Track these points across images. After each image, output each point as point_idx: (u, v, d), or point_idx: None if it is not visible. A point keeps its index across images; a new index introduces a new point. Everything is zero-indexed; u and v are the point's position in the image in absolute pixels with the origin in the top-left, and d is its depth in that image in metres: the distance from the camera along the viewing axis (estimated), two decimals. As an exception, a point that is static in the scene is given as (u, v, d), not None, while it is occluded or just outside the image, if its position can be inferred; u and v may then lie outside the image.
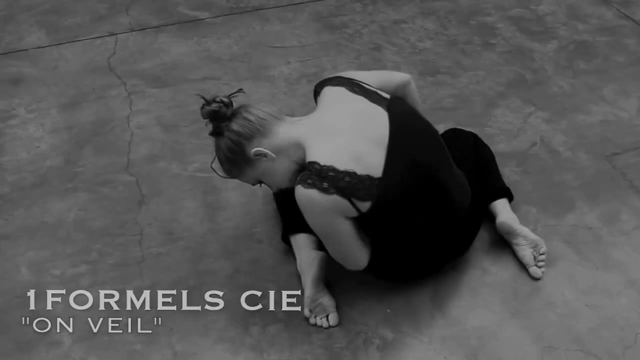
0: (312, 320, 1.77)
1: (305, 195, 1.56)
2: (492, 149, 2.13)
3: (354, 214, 1.60)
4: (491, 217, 1.99)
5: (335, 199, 1.55)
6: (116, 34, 3.03)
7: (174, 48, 2.93)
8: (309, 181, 1.55)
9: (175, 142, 2.39)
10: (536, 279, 1.88)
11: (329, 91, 1.73)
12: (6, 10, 3.22)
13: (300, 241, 1.87)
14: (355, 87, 1.70)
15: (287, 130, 1.64)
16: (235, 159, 1.65)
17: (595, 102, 2.61)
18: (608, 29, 3.09)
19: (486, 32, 3.06)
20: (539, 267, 1.89)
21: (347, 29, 3.08)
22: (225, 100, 1.65)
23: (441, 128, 2.18)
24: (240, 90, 1.68)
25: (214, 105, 1.63)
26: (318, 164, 1.56)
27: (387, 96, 1.70)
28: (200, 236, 2.02)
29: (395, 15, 3.18)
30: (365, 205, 1.58)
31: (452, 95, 2.64)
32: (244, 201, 2.14)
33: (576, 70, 2.80)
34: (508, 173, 2.23)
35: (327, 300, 1.77)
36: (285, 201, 1.96)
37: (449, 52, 2.90)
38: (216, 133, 1.66)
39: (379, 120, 1.64)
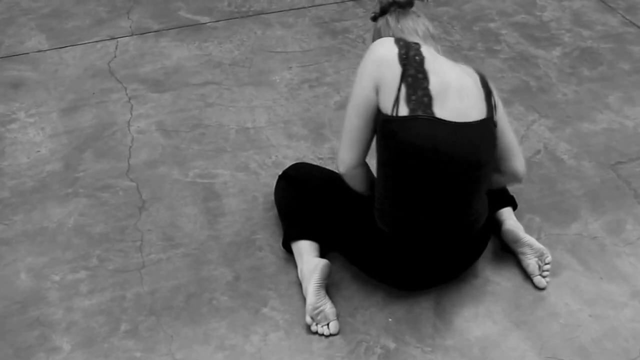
0: (313, 328, 1.77)
1: (386, 40, 1.66)
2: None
3: (386, 105, 1.60)
4: (495, 225, 2.01)
5: (395, 68, 1.59)
6: (117, 38, 3.04)
7: (175, 52, 2.95)
8: (401, 42, 1.64)
9: (176, 148, 2.40)
10: (540, 289, 1.89)
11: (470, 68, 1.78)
12: (7, 14, 3.24)
13: (302, 248, 1.88)
14: (486, 85, 1.74)
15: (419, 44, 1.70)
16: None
17: (600, 110, 2.63)
18: (613, 35, 3.10)
19: (490, 38, 3.08)
20: (544, 276, 1.90)
21: (349, 34, 3.10)
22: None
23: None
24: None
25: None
26: (419, 46, 1.65)
27: (492, 112, 1.71)
28: (200, 243, 2.03)
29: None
30: (403, 110, 1.58)
31: (456, 102, 2.65)
32: (245, 208, 2.15)
33: (580, 77, 2.82)
34: (511, 181, 2.24)
35: (328, 308, 1.78)
36: (286, 207, 1.97)
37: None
38: (375, 16, 1.84)
39: (477, 109, 1.66)
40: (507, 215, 2.00)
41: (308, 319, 1.77)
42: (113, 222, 2.10)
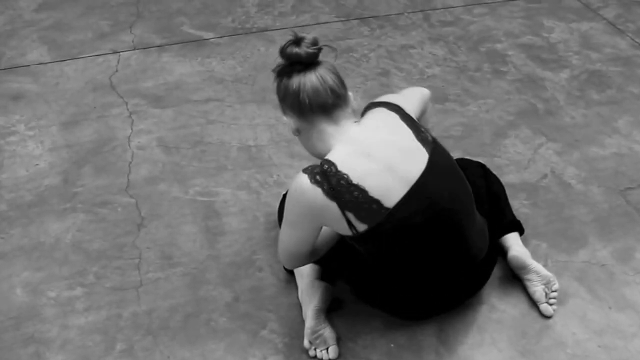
0: (311, 353, 1.77)
1: (304, 186, 1.53)
2: (501, 180, 2.15)
3: (346, 231, 1.58)
4: (501, 250, 2.01)
5: (330, 206, 1.53)
6: (119, 52, 3.08)
7: (177, 68, 2.98)
8: (318, 178, 1.53)
9: (177, 165, 2.42)
10: (547, 317, 1.89)
11: (381, 111, 1.67)
12: (9, 25, 3.28)
13: (303, 270, 1.88)
14: (407, 119, 1.65)
15: (325, 130, 1.60)
16: (280, 103, 1.67)
17: (609, 134, 2.65)
18: (622, 58, 3.13)
19: (496, 59, 3.11)
20: (550, 304, 1.90)
21: (353, 53, 3.13)
22: (305, 56, 1.59)
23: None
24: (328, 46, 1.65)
25: (312, 50, 1.59)
26: (335, 166, 1.53)
27: (431, 139, 1.67)
28: (199, 262, 2.04)
29: (403, 40, 3.23)
30: (361, 227, 1.57)
31: (461, 123, 2.67)
32: (246, 227, 2.16)
33: (589, 100, 2.84)
34: (517, 205, 2.25)
35: (328, 332, 1.77)
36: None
37: (458, 79, 2.94)
38: (281, 73, 1.64)
39: (416, 162, 1.60)
40: (513, 241, 2.00)
41: (306, 343, 1.77)
42: (111, 238, 2.10)
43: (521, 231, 2.05)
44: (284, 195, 2.04)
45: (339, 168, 1.54)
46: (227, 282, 1.98)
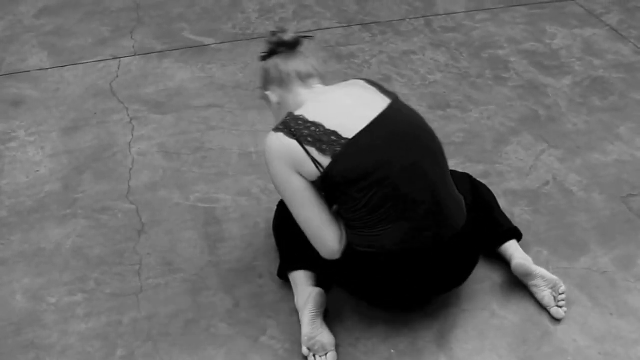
0: (310, 359, 1.80)
1: (269, 139, 1.73)
2: (503, 187, 2.18)
3: (313, 171, 1.67)
4: (499, 258, 2.04)
5: (292, 144, 1.68)
6: (119, 58, 3.12)
7: (178, 74, 3.02)
8: (279, 126, 1.73)
9: (177, 171, 2.45)
10: (558, 320, 1.92)
11: (352, 80, 1.91)
12: (9, 31, 3.33)
13: (297, 278, 1.92)
14: (375, 84, 1.86)
15: (300, 93, 1.84)
16: (260, 82, 1.97)
17: (611, 140, 2.68)
18: (625, 65, 3.17)
19: (498, 65, 3.14)
20: (560, 307, 1.93)
21: (355, 58, 3.17)
22: (289, 40, 1.87)
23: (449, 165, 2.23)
24: (308, 37, 1.93)
25: (295, 36, 1.88)
26: (293, 114, 1.74)
27: (397, 96, 1.83)
28: (200, 268, 2.07)
29: (404, 46, 3.27)
30: (325, 161, 1.65)
31: (462, 130, 2.70)
32: (246, 233, 2.19)
33: (591, 107, 2.88)
34: (519, 212, 2.28)
35: (325, 338, 1.80)
36: (282, 237, 2.01)
37: (460, 86, 2.98)
38: (268, 55, 1.93)
39: (376, 106, 1.74)
40: (514, 249, 2.02)
41: (305, 350, 1.79)
42: (112, 245, 2.14)
43: (519, 237, 2.07)
44: (278, 205, 2.08)
45: (296, 113, 1.73)
46: (228, 288, 2.01)
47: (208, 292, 1.99)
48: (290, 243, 1.98)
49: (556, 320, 1.92)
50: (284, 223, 2.02)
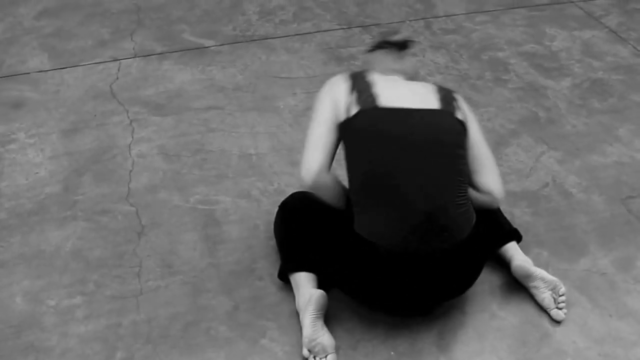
0: (310, 361, 1.80)
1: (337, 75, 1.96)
2: (503, 188, 2.18)
3: (341, 111, 1.83)
4: (499, 260, 2.04)
5: (343, 82, 1.88)
6: (119, 60, 3.12)
7: (178, 76, 3.02)
8: (351, 72, 1.95)
9: (177, 173, 2.45)
10: (558, 322, 1.92)
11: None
12: (9, 33, 3.33)
13: (299, 280, 1.92)
14: (442, 89, 1.95)
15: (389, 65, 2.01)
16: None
17: (610, 142, 2.68)
18: (624, 67, 3.17)
19: (498, 67, 3.15)
20: (560, 308, 1.93)
21: (355, 60, 3.17)
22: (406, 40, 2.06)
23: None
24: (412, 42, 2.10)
25: (404, 39, 2.06)
26: (366, 70, 1.95)
27: (452, 110, 1.90)
28: (199, 270, 2.07)
29: (405, 48, 3.28)
30: (353, 109, 1.81)
31: (463, 131, 2.71)
32: (246, 235, 2.19)
33: (590, 109, 2.88)
34: (519, 214, 2.28)
35: (326, 340, 1.80)
36: (283, 238, 2.02)
37: (460, 87, 2.98)
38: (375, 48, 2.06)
39: (424, 101, 1.86)
40: (514, 250, 2.03)
41: (305, 352, 1.79)
42: (111, 247, 2.14)
43: (519, 239, 2.08)
44: (279, 207, 2.09)
45: (367, 72, 1.92)
46: (227, 290, 2.01)
47: (208, 294, 1.99)
48: (291, 244, 1.98)
49: (556, 322, 1.92)
50: (285, 224, 2.02)
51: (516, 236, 2.07)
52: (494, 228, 2.02)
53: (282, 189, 2.38)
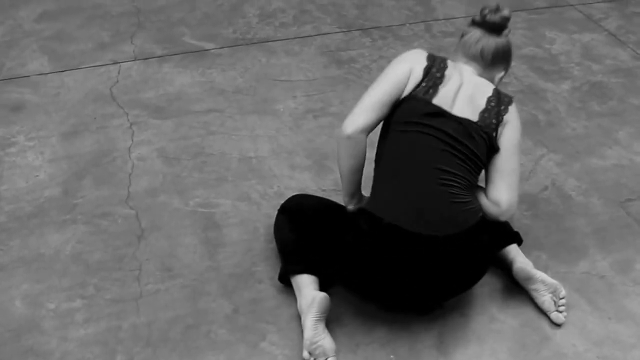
0: (311, 364, 1.80)
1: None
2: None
3: (411, 84, 1.86)
4: (498, 263, 2.05)
5: (425, 60, 1.90)
6: (119, 63, 3.13)
7: (178, 78, 3.03)
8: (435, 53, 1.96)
9: (177, 176, 2.46)
10: (558, 325, 1.92)
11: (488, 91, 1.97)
12: (9, 36, 3.34)
13: (301, 282, 1.92)
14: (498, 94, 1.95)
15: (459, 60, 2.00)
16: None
17: (610, 145, 2.69)
18: (623, 70, 3.18)
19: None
20: (560, 311, 1.94)
21: (355, 63, 3.18)
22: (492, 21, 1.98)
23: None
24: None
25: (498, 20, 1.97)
26: (446, 60, 1.95)
27: (487, 125, 1.89)
28: (199, 274, 2.07)
29: (404, 51, 3.27)
30: (419, 92, 1.85)
31: (462, 134, 2.71)
32: (246, 239, 2.20)
33: (590, 112, 2.88)
34: (518, 217, 2.29)
35: (327, 343, 1.80)
36: (284, 241, 2.02)
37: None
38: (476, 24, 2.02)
39: (469, 111, 1.87)
40: (515, 253, 2.04)
41: (305, 354, 1.79)
42: (111, 250, 2.14)
43: (519, 241, 2.08)
44: (278, 211, 2.09)
45: (449, 59, 1.95)
46: (227, 293, 2.01)
47: (207, 298, 2.00)
48: (292, 246, 1.98)
49: (556, 325, 1.92)
50: (286, 227, 2.03)
51: (517, 239, 2.07)
52: (496, 230, 2.03)
53: (282, 192, 2.38)
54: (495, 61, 1.96)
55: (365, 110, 1.86)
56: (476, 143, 1.83)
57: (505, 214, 1.88)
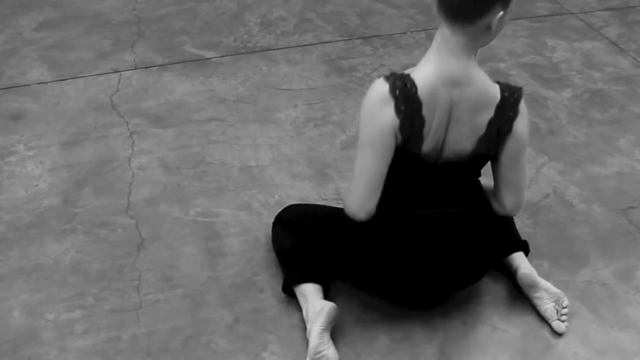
0: (313, 374, 1.80)
1: (376, 82, 1.71)
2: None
3: (394, 125, 1.65)
4: (501, 271, 2.05)
5: (392, 93, 1.65)
6: (120, 71, 3.14)
7: (179, 87, 3.03)
8: (388, 77, 1.70)
9: (177, 185, 2.46)
10: (559, 334, 1.92)
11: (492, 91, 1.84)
12: (9, 44, 3.35)
13: (306, 291, 1.92)
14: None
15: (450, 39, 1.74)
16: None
17: (611, 153, 2.69)
18: (624, 78, 3.19)
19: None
20: (562, 321, 1.93)
21: (356, 72, 3.18)
22: None
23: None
24: None
25: None
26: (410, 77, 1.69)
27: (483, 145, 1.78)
28: (200, 283, 2.07)
29: (406, 59, 3.29)
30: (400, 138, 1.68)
31: (463, 142, 2.71)
32: (246, 248, 2.20)
33: (591, 119, 2.89)
34: (519, 225, 2.28)
35: (331, 354, 1.80)
36: (285, 251, 2.02)
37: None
38: None
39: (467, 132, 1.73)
40: (521, 260, 2.04)
41: (308, 364, 1.80)
42: (111, 260, 2.14)
43: (527, 251, 2.08)
44: (274, 223, 2.10)
45: (412, 76, 1.68)
46: (228, 303, 2.01)
47: (208, 308, 1.99)
48: (293, 256, 1.98)
49: (558, 334, 1.92)
50: (285, 237, 2.03)
51: (523, 247, 2.07)
52: (504, 236, 2.03)
53: (283, 201, 2.38)
54: (481, 2, 1.59)
55: (371, 192, 1.73)
56: (475, 164, 1.80)
57: (510, 214, 1.88)
